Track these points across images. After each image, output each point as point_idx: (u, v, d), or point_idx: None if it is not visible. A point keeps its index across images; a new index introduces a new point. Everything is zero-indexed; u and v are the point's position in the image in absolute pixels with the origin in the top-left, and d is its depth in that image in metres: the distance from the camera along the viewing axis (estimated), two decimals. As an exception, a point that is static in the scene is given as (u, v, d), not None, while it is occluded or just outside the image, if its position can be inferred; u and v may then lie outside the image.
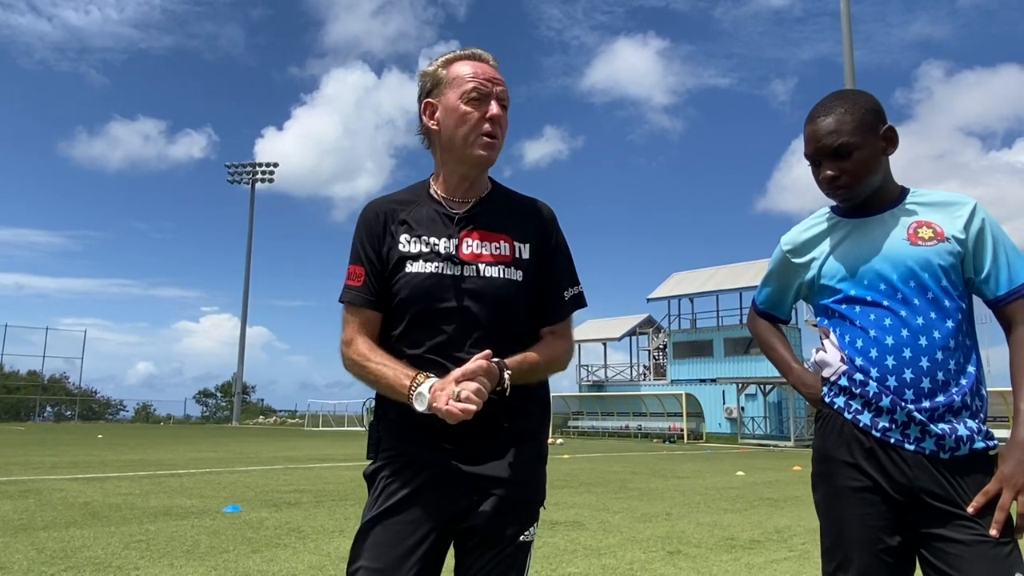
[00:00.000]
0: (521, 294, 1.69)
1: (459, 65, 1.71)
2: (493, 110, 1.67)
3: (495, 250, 1.69)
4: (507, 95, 1.72)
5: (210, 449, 18.87)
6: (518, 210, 1.76)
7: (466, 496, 1.62)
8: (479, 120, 1.67)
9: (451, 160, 1.73)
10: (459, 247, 1.68)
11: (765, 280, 2.03)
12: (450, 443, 1.62)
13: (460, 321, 1.64)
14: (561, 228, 1.81)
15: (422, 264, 1.67)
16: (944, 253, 1.68)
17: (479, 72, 1.69)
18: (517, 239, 1.71)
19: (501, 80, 1.72)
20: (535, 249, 1.73)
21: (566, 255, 1.80)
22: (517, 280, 1.68)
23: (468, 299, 1.64)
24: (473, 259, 1.67)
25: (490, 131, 1.67)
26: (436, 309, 1.65)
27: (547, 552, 5.28)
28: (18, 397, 55.88)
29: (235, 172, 60.70)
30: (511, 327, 1.68)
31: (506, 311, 1.67)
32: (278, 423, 55.26)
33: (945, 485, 1.61)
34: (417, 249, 1.68)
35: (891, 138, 1.76)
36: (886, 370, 1.67)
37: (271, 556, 4.99)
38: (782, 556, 5.30)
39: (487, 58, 1.73)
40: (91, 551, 5.01)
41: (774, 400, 34.88)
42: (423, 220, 1.71)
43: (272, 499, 8.13)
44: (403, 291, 1.67)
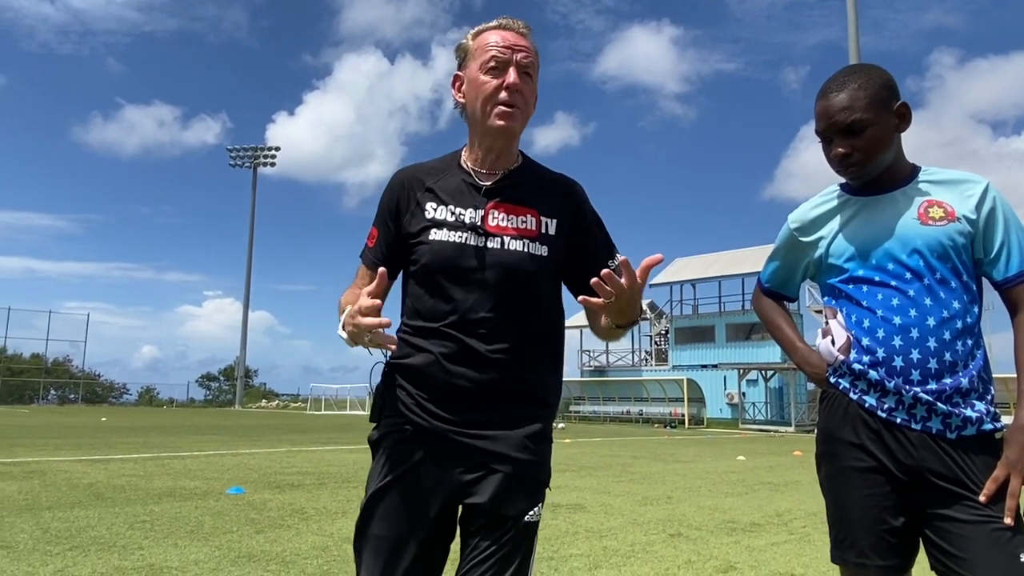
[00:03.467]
0: (544, 268, 1.67)
1: (485, 35, 1.69)
2: (510, 78, 1.63)
3: (521, 223, 1.67)
4: (531, 61, 1.68)
5: (213, 431, 18.96)
6: (547, 185, 1.74)
7: (471, 469, 1.61)
8: (496, 89, 1.64)
9: (476, 131, 1.72)
10: (485, 218, 1.66)
11: (771, 258, 2.00)
12: (457, 414, 1.61)
13: (480, 292, 1.62)
14: (591, 203, 1.79)
15: (447, 232, 1.65)
16: (954, 233, 1.66)
17: (502, 40, 1.66)
18: (544, 214, 1.69)
19: (525, 46, 1.67)
20: (562, 225, 1.71)
21: (601, 228, 1.78)
22: (542, 255, 1.66)
23: (490, 271, 1.63)
24: (499, 231, 1.65)
25: (506, 99, 1.64)
26: (457, 278, 1.63)
27: (549, 534, 5.30)
28: (22, 380, 56.13)
29: (237, 156, 60.58)
30: (532, 301, 1.67)
31: (528, 285, 1.65)
32: (281, 407, 55.46)
33: (951, 465, 1.60)
34: (443, 217, 1.67)
35: (904, 114, 1.73)
36: (893, 350, 1.65)
37: (274, 537, 5.01)
38: (782, 539, 5.32)
39: (515, 26, 1.69)
40: (96, 531, 5.04)
41: (775, 386, 34.91)
42: (450, 189, 1.70)
43: (275, 481, 8.17)
44: (425, 257, 1.65)
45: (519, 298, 1.64)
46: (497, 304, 1.63)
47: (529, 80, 1.68)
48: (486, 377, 1.62)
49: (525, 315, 1.65)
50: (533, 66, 1.68)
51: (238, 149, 60.64)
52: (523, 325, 1.64)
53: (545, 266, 1.67)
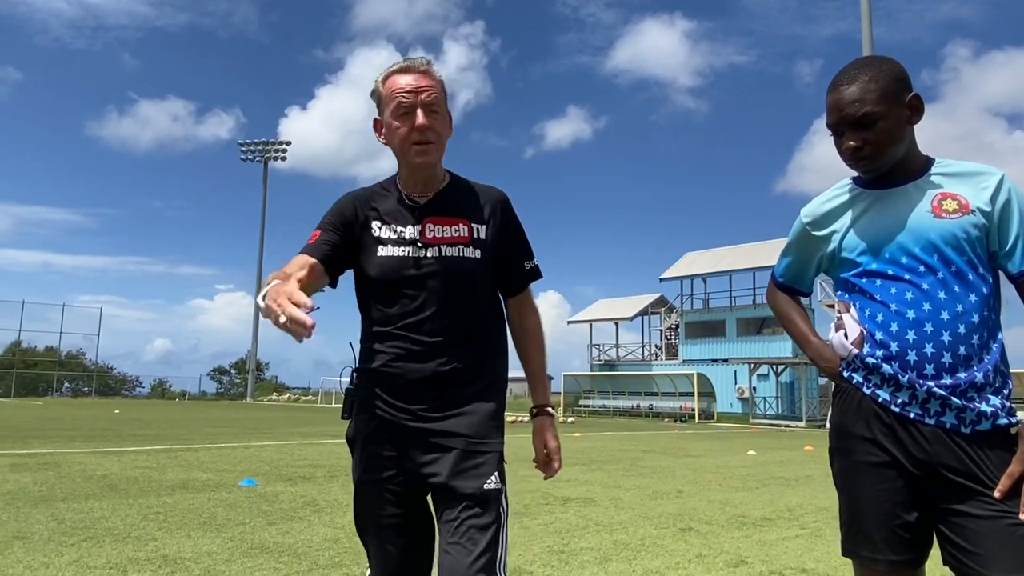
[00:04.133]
0: (480, 270, 1.90)
1: (391, 80, 1.88)
2: (419, 120, 1.84)
3: (454, 232, 1.90)
4: (435, 97, 1.87)
5: (225, 424, 19.08)
6: (475, 197, 1.97)
7: (428, 451, 1.82)
8: (408, 131, 1.85)
9: (402, 165, 1.95)
10: (422, 232, 1.89)
11: (785, 252, 1.99)
12: (413, 404, 1.84)
13: (425, 297, 1.85)
14: (514, 209, 2.03)
15: (391, 248, 1.88)
16: (969, 226, 1.64)
17: (404, 85, 1.85)
18: (475, 221, 1.93)
19: (427, 86, 1.86)
20: (492, 230, 1.94)
21: (521, 234, 2.03)
22: (475, 257, 1.89)
23: (432, 278, 1.85)
24: (435, 241, 1.88)
25: (419, 139, 1.85)
26: (403, 287, 1.86)
27: (559, 528, 5.31)
28: (36, 372, 56.64)
29: (248, 150, 60.78)
30: (472, 300, 1.90)
31: (466, 286, 1.88)
32: (292, 400, 55.74)
33: (965, 459, 1.59)
34: (387, 235, 1.90)
35: (916, 107, 1.70)
36: (907, 344, 1.64)
37: (286, 528, 5.05)
38: (793, 534, 5.31)
39: (416, 66, 1.88)
40: (110, 522, 5.09)
41: (786, 380, 34.79)
42: (391, 210, 1.93)
43: (287, 473, 8.22)
44: (374, 271, 1.88)
45: (459, 298, 1.87)
46: (440, 305, 1.85)
47: (436, 115, 1.87)
48: (435, 369, 1.84)
49: (466, 312, 1.88)
50: (438, 101, 1.88)
51: (249, 143, 60.84)
52: (465, 321, 1.88)
53: (479, 267, 1.90)
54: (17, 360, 55.65)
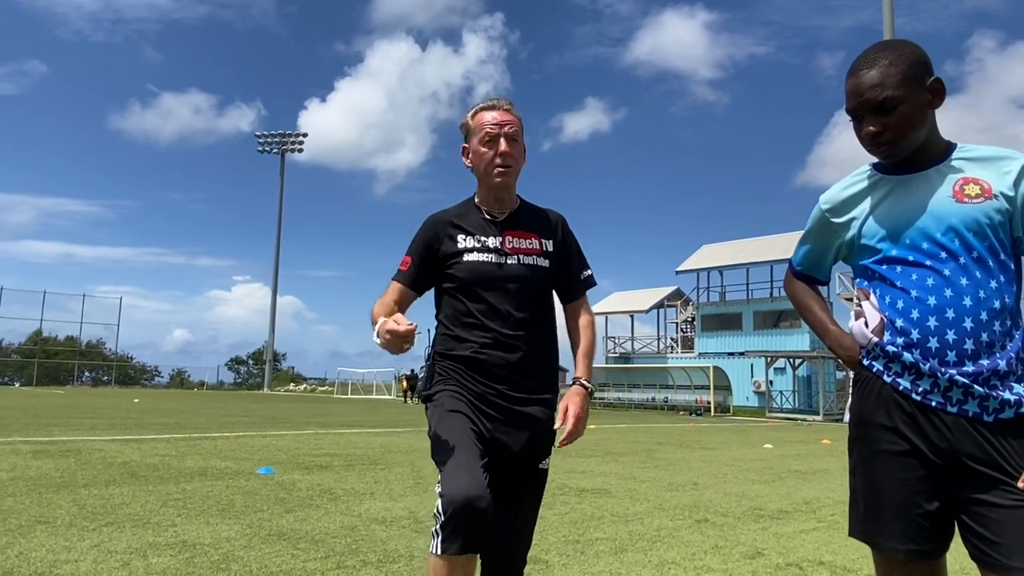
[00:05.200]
0: (547, 277, 2.29)
1: (480, 115, 2.28)
2: (502, 147, 2.23)
3: (529, 245, 2.28)
4: (516, 130, 2.26)
5: (242, 414, 19.25)
6: (542, 217, 2.37)
7: (505, 426, 2.16)
8: (493, 156, 2.23)
9: (484, 185, 2.32)
10: (503, 243, 2.26)
11: (803, 240, 1.96)
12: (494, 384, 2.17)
13: (506, 296, 2.20)
14: (570, 227, 2.41)
15: (476, 255, 2.23)
16: (991, 211, 1.61)
17: (492, 119, 2.25)
18: (544, 237, 2.31)
19: (510, 120, 2.26)
20: (555, 245, 2.33)
21: (578, 248, 2.42)
22: (545, 266, 2.28)
23: (512, 281, 2.21)
24: (514, 252, 2.25)
25: (501, 163, 2.23)
26: (489, 287, 2.20)
27: (575, 518, 5.32)
28: (57, 362, 57.41)
29: (265, 142, 61.07)
30: (540, 302, 2.28)
31: (537, 289, 2.26)
32: (308, 390, 56.13)
33: (987, 448, 1.57)
34: (472, 244, 2.25)
35: (938, 90, 1.67)
36: (928, 331, 1.61)
37: (304, 516, 5.09)
38: (811, 527, 5.28)
39: (501, 105, 2.28)
40: (130, 508, 5.16)
41: (803, 374, 34.58)
42: (475, 224, 2.29)
43: (304, 462, 8.28)
44: (462, 273, 2.22)
45: (533, 299, 2.24)
46: (518, 304, 2.21)
47: (516, 144, 2.26)
48: (513, 357, 2.19)
49: (537, 311, 2.25)
50: (518, 133, 2.27)
51: (266, 135, 61.19)
52: (536, 318, 2.24)
53: (547, 275, 2.29)
54: (39, 349, 56.42)
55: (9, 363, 58.01)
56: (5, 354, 57.69)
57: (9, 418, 14.40)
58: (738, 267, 39.42)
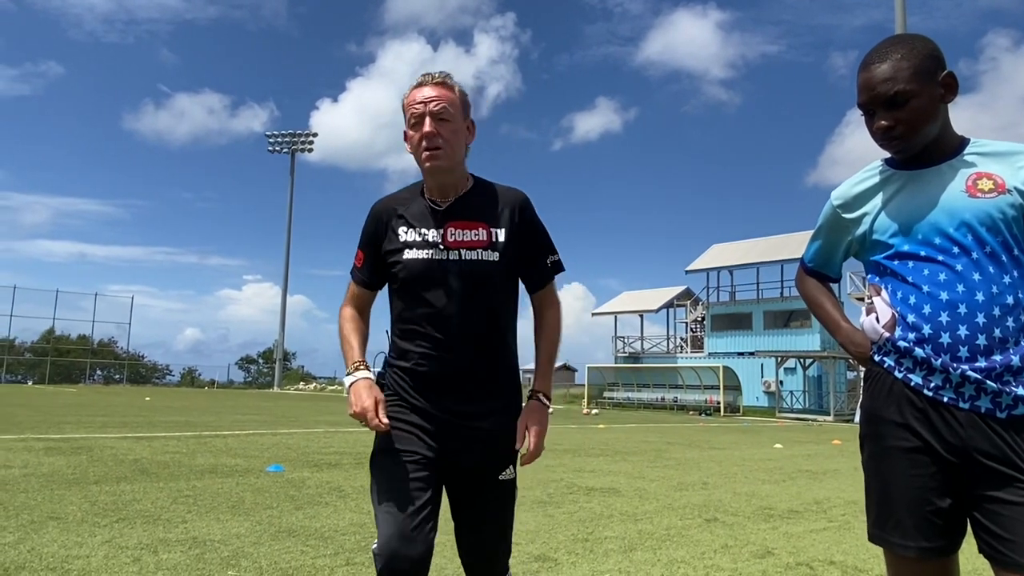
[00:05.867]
0: (497, 272, 2.01)
1: (409, 95, 2.03)
2: (425, 128, 1.96)
3: (474, 236, 2.01)
4: (443, 105, 1.98)
5: (253, 412, 19.33)
6: (494, 201, 2.07)
7: (454, 439, 1.97)
8: (419, 140, 1.98)
9: (422, 171, 2.06)
10: (444, 236, 2.01)
11: (814, 236, 1.94)
12: (440, 396, 1.98)
13: (447, 297, 1.97)
14: (534, 208, 2.11)
15: (416, 251, 2.01)
16: (1005, 206, 1.60)
17: (416, 97, 2.00)
18: (493, 225, 2.03)
19: (436, 96, 1.98)
20: (509, 233, 2.04)
21: (541, 232, 2.12)
22: (493, 260, 2.00)
23: (454, 279, 1.97)
24: (456, 245, 2.00)
25: (427, 146, 1.97)
26: (428, 288, 1.98)
27: (583, 517, 5.31)
28: (69, 360, 57.82)
29: (275, 142, 61.31)
30: (489, 300, 2.02)
31: (484, 287, 2.00)
32: (318, 389, 56.29)
33: (1000, 444, 1.55)
34: (412, 238, 2.03)
35: (950, 85, 1.66)
36: (940, 327, 1.60)
37: (313, 513, 5.11)
38: (821, 526, 5.26)
39: (428, 80, 2.01)
40: (141, 504, 5.19)
41: (814, 374, 34.43)
42: (416, 214, 2.06)
43: (313, 460, 8.31)
44: (402, 272, 2.01)
45: (478, 299, 1.99)
46: (461, 305, 1.97)
47: (444, 123, 1.98)
48: (458, 366, 1.97)
49: (485, 312, 2.00)
50: (447, 110, 1.99)
51: (276, 135, 61.40)
52: (484, 320, 2.00)
53: (497, 269, 2.01)
54: (51, 348, 56.83)
55: (22, 361, 58.45)
56: (18, 352, 58.13)
57: (22, 415, 14.52)
58: (748, 267, 39.28)
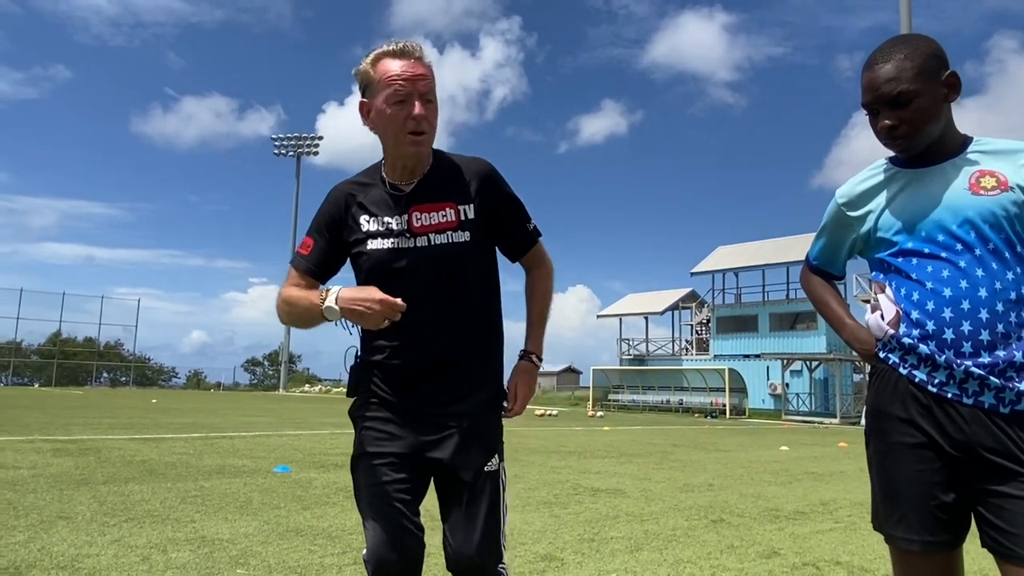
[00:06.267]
0: (469, 253, 1.89)
1: (384, 63, 1.83)
2: (416, 110, 1.81)
3: (442, 218, 1.88)
4: (431, 87, 1.85)
5: (259, 414, 19.37)
6: (458, 175, 1.92)
7: (432, 432, 1.87)
8: (404, 120, 1.81)
9: (390, 153, 1.91)
10: (410, 222, 1.88)
11: (819, 234, 1.96)
12: (415, 391, 1.88)
13: (418, 287, 1.84)
14: (501, 176, 1.98)
15: (380, 241, 1.88)
16: (1008, 203, 1.61)
17: (401, 72, 1.81)
18: (460, 202, 1.90)
19: (423, 74, 1.83)
20: (479, 207, 1.91)
21: (514, 200, 2.01)
22: (464, 241, 1.88)
23: (423, 266, 1.85)
24: (423, 230, 1.87)
25: (415, 129, 1.82)
26: (395, 278, 1.84)
27: (589, 517, 5.32)
28: (76, 363, 58.05)
29: (281, 145, 61.49)
30: (465, 284, 1.90)
31: (457, 272, 1.88)
32: (323, 391, 56.37)
33: (1004, 439, 1.56)
34: (375, 228, 1.89)
35: (953, 84, 1.68)
36: (943, 323, 1.62)
37: (320, 513, 5.13)
38: (827, 527, 5.26)
39: (411, 51, 1.83)
40: (149, 504, 5.22)
41: (820, 377, 34.33)
42: (377, 201, 1.92)
43: (320, 461, 8.34)
44: (366, 265, 1.89)
45: (452, 284, 1.87)
46: (434, 293, 1.85)
47: (430, 105, 1.85)
48: (433, 356, 1.87)
49: (460, 297, 1.89)
50: (432, 90, 1.86)
51: (282, 138, 61.60)
52: (459, 306, 1.88)
53: (469, 249, 1.89)
54: (58, 350, 57.07)
55: (28, 364, 58.72)
56: (25, 355, 58.40)
57: (29, 417, 14.59)
58: (754, 269, 39.22)
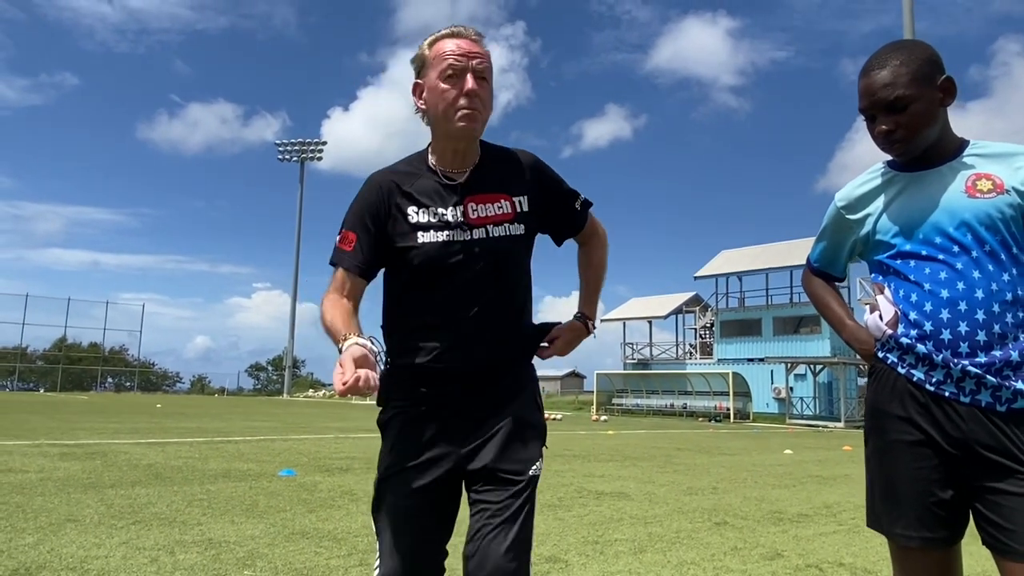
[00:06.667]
0: (522, 246, 1.85)
1: (440, 44, 1.79)
2: (468, 84, 1.74)
3: (498, 210, 1.81)
4: (486, 66, 1.79)
5: (263, 418, 19.41)
6: (509, 166, 1.87)
7: (473, 437, 1.76)
8: (456, 96, 1.75)
9: (441, 135, 1.82)
10: (466, 213, 1.79)
11: (819, 237, 2.00)
12: (456, 396, 1.76)
13: (473, 282, 1.76)
14: (548, 166, 1.95)
15: (433, 234, 1.76)
16: (1004, 205, 1.64)
17: (456, 49, 1.76)
18: (514, 194, 1.84)
19: (479, 52, 1.78)
20: (531, 198, 1.86)
21: (560, 182, 1.96)
22: (520, 234, 1.83)
23: (479, 261, 1.76)
24: (481, 222, 1.79)
25: (467, 104, 1.75)
26: (449, 274, 1.75)
27: (593, 520, 5.34)
28: (81, 368, 58.21)
29: (285, 150, 61.66)
30: (518, 280, 1.84)
31: (512, 266, 1.82)
32: (327, 396, 56.41)
33: (1000, 437, 1.59)
34: (426, 219, 1.78)
35: (949, 89, 1.71)
36: (941, 323, 1.65)
37: (326, 516, 5.16)
38: (831, 529, 5.27)
39: (467, 33, 1.80)
40: (156, 507, 5.26)
41: (824, 380, 34.26)
42: (428, 191, 1.81)
43: (325, 465, 8.37)
44: (416, 259, 1.76)
45: (506, 279, 1.80)
46: (488, 289, 1.77)
47: (485, 83, 1.79)
48: (482, 357, 1.77)
49: (511, 294, 1.82)
50: (487, 70, 1.80)
51: (286, 144, 61.77)
52: (511, 303, 1.82)
53: (523, 243, 1.85)
54: (63, 356, 57.25)
55: (34, 369, 58.90)
56: (30, 360, 58.59)
57: (35, 422, 14.65)
58: (757, 272, 39.15)
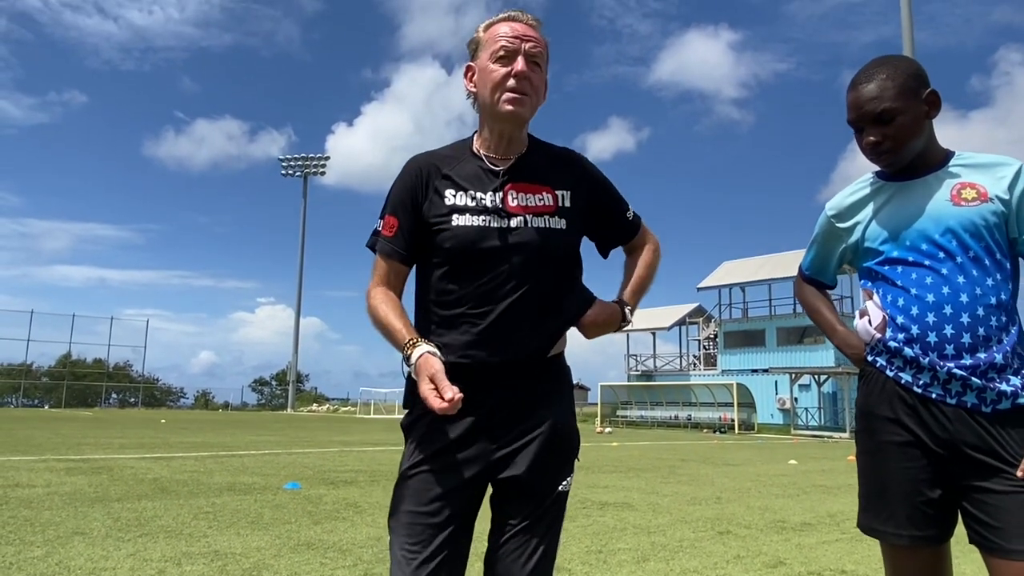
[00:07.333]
0: (564, 242, 1.73)
1: (496, 27, 1.74)
2: (518, 66, 1.67)
3: (539, 201, 1.72)
4: (540, 51, 1.72)
5: (268, 432, 19.44)
6: (555, 162, 1.80)
7: (504, 445, 1.66)
8: (505, 76, 1.68)
9: (487, 118, 1.76)
10: (505, 200, 1.70)
11: (811, 245, 2.06)
12: (489, 394, 1.65)
13: (507, 273, 1.66)
14: (596, 167, 1.87)
15: (470, 217, 1.68)
16: (987, 213, 1.71)
17: (510, 31, 1.70)
18: (558, 188, 1.76)
19: (533, 36, 1.71)
20: (576, 196, 1.77)
21: (610, 188, 1.88)
22: (561, 228, 1.72)
23: (515, 250, 1.67)
24: (520, 211, 1.70)
25: (515, 86, 1.68)
26: (482, 261, 1.66)
27: (597, 530, 5.37)
28: (85, 384, 58.25)
29: (288, 165, 61.96)
30: (554, 276, 1.72)
31: (550, 260, 1.70)
32: (331, 410, 56.40)
33: (986, 437, 1.64)
34: (464, 202, 1.70)
35: (934, 102, 1.78)
36: (927, 327, 1.70)
37: (331, 528, 5.19)
38: (834, 538, 5.29)
39: (523, 18, 1.74)
40: (163, 520, 5.29)
41: (829, 391, 34.20)
42: (468, 175, 1.73)
43: (329, 478, 8.40)
44: (448, 243, 1.68)
45: (542, 274, 1.69)
46: (522, 282, 1.66)
47: (538, 69, 1.72)
48: (513, 354, 1.66)
49: (547, 290, 1.70)
50: (541, 56, 1.73)
51: (290, 159, 62.03)
52: (546, 300, 1.70)
53: (564, 239, 1.73)
54: (67, 372, 57.30)
55: (38, 386, 58.94)
56: (35, 376, 58.64)
57: (41, 438, 14.69)
58: (760, 283, 39.18)
